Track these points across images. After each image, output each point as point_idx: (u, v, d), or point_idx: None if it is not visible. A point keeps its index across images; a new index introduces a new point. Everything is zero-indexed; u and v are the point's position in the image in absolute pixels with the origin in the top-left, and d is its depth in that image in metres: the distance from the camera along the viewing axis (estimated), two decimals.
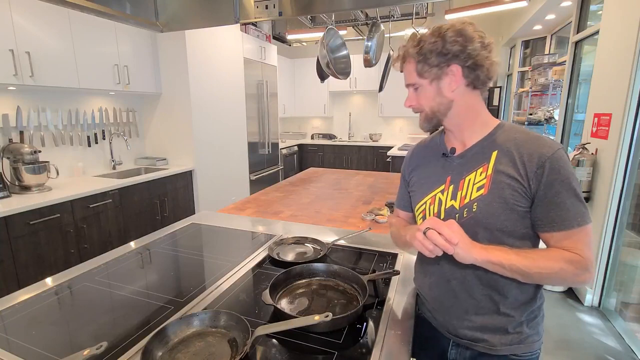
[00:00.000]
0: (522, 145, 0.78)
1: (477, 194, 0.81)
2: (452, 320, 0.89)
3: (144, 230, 2.72)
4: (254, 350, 0.75)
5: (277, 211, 1.84)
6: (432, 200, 0.89)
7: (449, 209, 0.85)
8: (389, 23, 2.37)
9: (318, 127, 6.41)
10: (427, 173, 0.93)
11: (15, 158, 2.19)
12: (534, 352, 0.86)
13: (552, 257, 0.75)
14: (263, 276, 1.10)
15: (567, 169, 0.75)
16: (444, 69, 0.79)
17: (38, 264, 2.03)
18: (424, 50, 0.79)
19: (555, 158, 0.74)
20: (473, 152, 0.84)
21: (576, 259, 0.74)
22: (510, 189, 0.77)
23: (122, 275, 1.12)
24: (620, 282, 2.37)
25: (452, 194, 0.85)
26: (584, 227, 0.75)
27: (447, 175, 0.87)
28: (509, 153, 0.79)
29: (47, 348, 0.77)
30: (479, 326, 0.85)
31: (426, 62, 0.80)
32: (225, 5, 1.39)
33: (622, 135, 2.19)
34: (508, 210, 0.77)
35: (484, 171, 0.81)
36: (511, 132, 0.82)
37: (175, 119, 3.21)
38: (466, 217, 0.81)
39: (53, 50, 2.26)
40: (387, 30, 2.35)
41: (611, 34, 2.41)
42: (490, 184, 0.79)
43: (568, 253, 0.75)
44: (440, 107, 0.83)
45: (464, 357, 0.90)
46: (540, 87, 4.20)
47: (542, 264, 0.74)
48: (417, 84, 0.83)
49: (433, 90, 0.82)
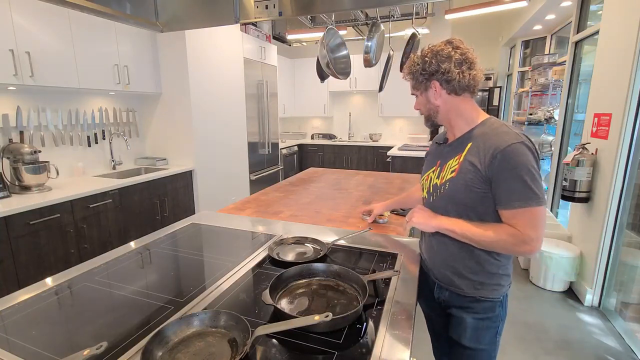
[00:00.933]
0: (487, 139, 0.98)
1: (450, 175, 1.04)
2: (434, 266, 1.15)
3: (144, 230, 2.72)
4: (254, 350, 0.75)
5: (277, 211, 1.84)
6: (427, 177, 1.16)
7: (434, 186, 1.11)
8: (389, 23, 2.37)
9: (318, 127, 6.41)
10: (430, 157, 1.21)
11: (15, 158, 2.19)
12: (496, 297, 1.06)
13: (497, 229, 0.96)
14: (263, 276, 1.10)
15: (516, 160, 0.91)
16: (427, 83, 1.05)
17: (38, 264, 2.03)
18: (412, 71, 1.07)
19: (507, 151, 0.92)
20: (457, 143, 1.07)
21: (516, 233, 0.93)
22: (471, 174, 0.98)
23: (122, 275, 1.12)
24: (620, 282, 2.37)
25: (438, 174, 1.10)
26: (526, 209, 0.92)
27: (438, 159, 1.13)
28: (477, 145, 0.99)
29: (47, 348, 0.76)
30: (450, 273, 1.09)
31: (415, 80, 1.07)
32: (225, 5, 1.40)
33: (622, 135, 2.19)
34: (468, 190, 0.99)
35: (458, 158, 1.03)
36: (485, 128, 1.02)
37: (175, 119, 3.21)
38: (442, 193, 1.07)
39: (53, 50, 2.26)
40: (387, 30, 2.35)
41: (611, 34, 2.41)
42: (458, 168, 1.02)
43: (511, 228, 0.95)
44: (431, 111, 1.10)
45: (444, 296, 1.14)
46: (540, 87, 4.21)
47: (486, 233, 0.96)
48: (413, 94, 1.12)
49: (424, 99, 1.09)
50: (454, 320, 1.13)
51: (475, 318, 1.08)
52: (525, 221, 0.92)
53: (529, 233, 0.92)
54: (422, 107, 1.11)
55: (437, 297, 1.17)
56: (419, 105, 1.12)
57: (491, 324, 1.08)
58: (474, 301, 1.07)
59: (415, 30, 2.45)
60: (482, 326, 1.08)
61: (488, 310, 1.07)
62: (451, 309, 1.13)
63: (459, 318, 1.11)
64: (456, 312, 1.11)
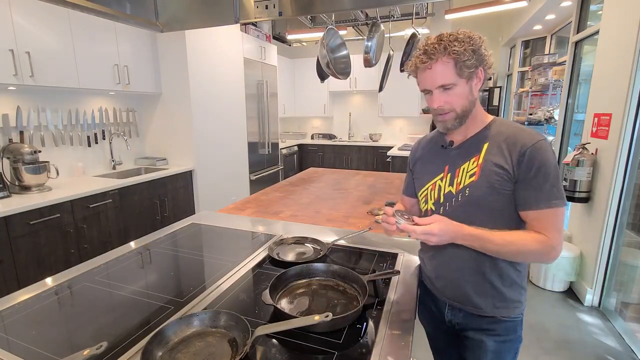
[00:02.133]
0: (509, 137, 0.90)
1: (470, 180, 0.93)
2: (447, 285, 1.01)
3: (144, 230, 2.72)
4: (254, 350, 0.75)
5: (277, 211, 1.84)
6: (433, 186, 1.01)
7: (447, 194, 0.97)
8: (389, 23, 2.37)
9: (318, 127, 6.41)
10: (429, 163, 1.06)
11: (15, 158, 2.19)
12: (517, 316, 0.98)
13: (522, 236, 0.87)
14: (263, 276, 1.10)
15: (544, 157, 0.85)
16: (475, 70, 0.88)
17: (38, 264, 2.03)
18: (459, 51, 0.84)
19: (536, 147, 0.85)
20: (468, 144, 0.96)
21: (543, 240, 0.85)
22: (497, 175, 0.88)
23: (122, 275, 1.12)
24: (620, 282, 2.37)
25: (449, 181, 0.97)
26: (553, 210, 0.85)
27: (445, 164, 0.99)
28: (497, 144, 0.91)
29: (47, 348, 0.76)
30: (468, 290, 0.97)
31: (465, 63, 0.85)
32: (225, 5, 1.39)
33: (622, 135, 2.19)
34: (495, 193, 0.89)
35: (475, 160, 0.93)
36: (501, 126, 0.93)
37: (175, 119, 3.21)
38: (461, 201, 0.95)
39: (53, 50, 2.25)
40: (387, 30, 2.35)
41: (611, 34, 2.41)
42: (480, 171, 0.91)
43: (537, 234, 0.86)
44: (470, 105, 0.91)
45: (457, 318, 1.03)
46: (540, 87, 4.21)
47: (512, 240, 0.86)
48: (452, 84, 0.87)
49: (467, 89, 0.89)
50: (470, 343, 1.02)
51: (496, 341, 0.98)
52: (550, 223, 0.86)
53: (554, 236, 0.85)
54: (459, 101, 0.89)
55: (448, 319, 1.05)
56: (455, 98, 0.88)
57: (512, 346, 1.00)
58: (494, 322, 0.97)
59: (415, 30, 2.45)
60: (504, 349, 0.99)
61: (510, 332, 0.98)
62: (467, 331, 1.02)
63: (477, 341, 1.00)
64: (473, 335, 1.01)
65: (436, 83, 0.88)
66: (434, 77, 0.88)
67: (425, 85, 0.91)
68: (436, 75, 0.87)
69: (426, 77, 0.89)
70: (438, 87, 0.88)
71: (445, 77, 0.86)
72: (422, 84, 0.92)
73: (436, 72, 0.87)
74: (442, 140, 1.03)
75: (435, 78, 0.87)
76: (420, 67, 0.89)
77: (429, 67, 0.87)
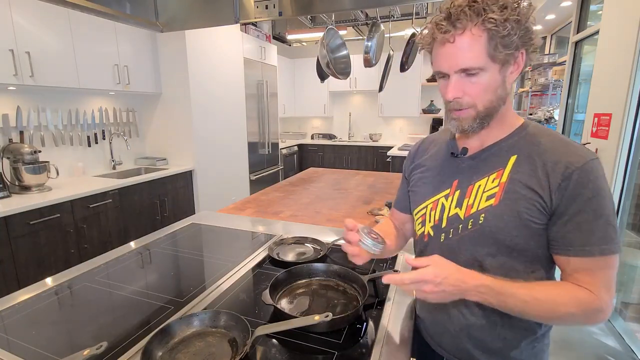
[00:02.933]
0: (548, 151, 0.66)
1: (486, 203, 0.69)
2: (448, 337, 0.81)
3: (144, 230, 2.72)
4: (254, 350, 0.75)
5: (277, 211, 1.84)
6: (434, 205, 0.77)
7: (452, 218, 0.74)
8: (389, 23, 2.37)
9: (318, 127, 6.41)
10: (431, 173, 0.81)
11: (15, 158, 2.19)
12: None
13: (558, 294, 0.64)
14: (263, 276, 1.10)
15: (598, 185, 0.62)
16: (515, 52, 0.63)
17: (38, 264, 2.03)
18: (508, 22, 0.59)
19: (586, 170, 0.62)
20: (488, 154, 0.72)
21: (586, 298, 0.62)
22: (526, 202, 0.65)
23: (122, 275, 1.12)
24: (620, 282, 2.37)
25: (457, 201, 0.74)
26: (607, 257, 0.62)
27: (454, 178, 0.76)
28: (530, 159, 0.67)
29: (47, 348, 0.76)
30: (472, 347, 0.77)
31: (503, 40, 0.60)
32: (225, 5, 1.40)
33: (622, 135, 2.19)
34: (521, 225, 0.66)
35: (497, 178, 0.69)
36: (536, 135, 0.69)
37: (175, 119, 3.21)
38: (471, 229, 0.71)
39: (53, 50, 2.25)
40: (387, 30, 2.35)
41: (611, 34, 2.41)
42: (502, 193, 0.68)
43: (580, 291, 0.63)
44: (498, 102, 0.66)
45: None
46: (540, 87, 4.20)
47: (542, 298, 0.63)
48: (479, 69, 0.62)
49: (499, 79, 0.64)
50: None
51: None
52: (599, 276, 0.63)
53: (603, 296, 0.62)
54: (484, 94, 0.65)
55: None
56: (480, 89, 0.64)
57: None
58: None
59: (415, 30, 2.45)
60: None
61: None
62: None
63: None
64: None
65: (457, 65, 0.63)
66: (456, 55, 0.62)
67: (441, 66, 0.66)
68: (459, 53, 0.62)
69: (444, 54, 0.64)
70: (459, 70, 0.63)
71: (472, 57, 0.61)
72: (438, 63, 0.66)
73: (460, 49, 0.62)
74: (453, 146, 0.79)
75: (458, 57, 0.62)
76: (439, 39, 0.63)
77: (451, 40, 0.62)
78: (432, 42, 0.66)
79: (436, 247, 0.77)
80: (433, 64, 0.68)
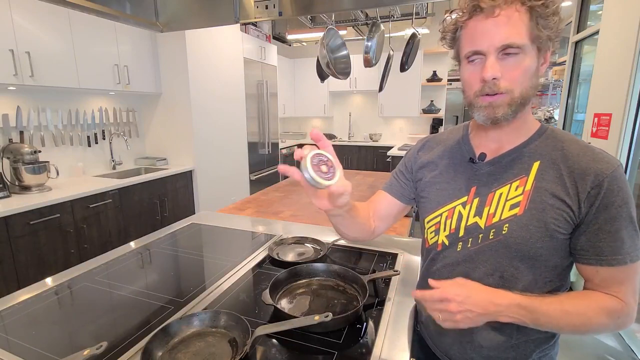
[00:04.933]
0: (573, 158, 0.63)
1: (510, 213, 0.66)
2: (455, 346, 0.78)
3: (144, 230, 2.72)
4: (254, 350, 0.75)
5: (277, 211, 1.84)
6: (450, 213, 0.74)
7: (471, 227, 0.70)
8: (389, 23, 2.37)
9: (318, 127, 6.41)
10: (444, 178, 0.77)
11: (15, 158, 2.19)
12: None
13: (586, 303, 0.63)
14: (263, 276, 1.10)
15: (626, 192, 0.61)
16: (550, 42, 0.61)
17: (38, 264, 2.03)
18: (553, 4, 0.57)
19: (615, 177, 0.60)
20: (509, 160, 0.69)
21: (618, 309, 0.62)
22: (554, 212, 0.63)
23: (122, 275, 1.12)
24: None
25: (476, 209, 0.70)
26: (636, 264, 0.62)
27: (472, 185, 0.72)
28: (555, 166, 0.64)
29: (47, 348, 0.76)
30: (487, 357, 0.74)
31: (546, 22, 0.58)
32: (225, 5, 1.40)
33: (622, 135, 2.19)
34: (547, 236, 0.63)
35: (520, 185, 0.66)
36: (558, 140, 0.67)
37: (175, 119, 3.21)
38: (492, 240, 0.68)
39: (53, 50, 2.25)
40: (387, 30, 2.35)
41: (611, 34, 2.41)
42: (527, 202, 0.65)
43: (609, 300, 0.62)
44: (532, 92, 0.62)
45: None
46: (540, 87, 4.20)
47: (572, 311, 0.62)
48: (521, 47, 0.58)
49: (535, 66, 0.61)
50: None
51: None
52: (629, 286, 0.62)
53: (631, 302, 0.63)
54: (521, 79, 0.60)
55: None
56: (520, 72, 0.60)
57: None
58: None
59: (415, 30, 2.45)
60: None
61: None
62: None
63: None
64: None
65: (500, 40, 0.58)
66: (499, 29, 0.58)
67: (478, 43, 0.60)
68: (503, 28, 0.57)
69: (484, 29, 0.59)
70: (500, 47, 0.58)
71: (517, 33, 0.57)
72: (474, 41, 0.61)
73: (504, 23, 0.57)
74: (469, 150, 0.75)
75: (501, 32, 0.58)
76: (485, 8, 0.58)
77: (493, 14, 0.58)
78: (471, 13, 0.60)
79: (451, 256, 0.74)
80: (464, 43, 0.63)
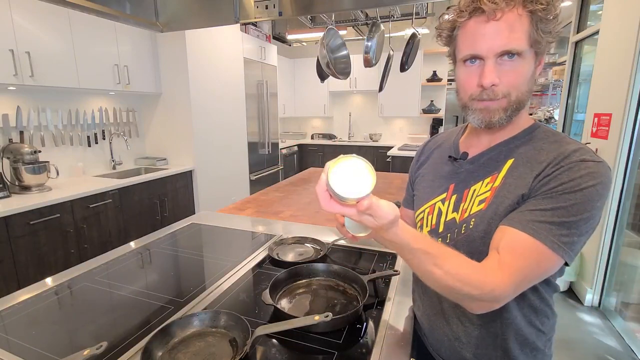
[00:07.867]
0: (545, 152, 0.62)
1: (478, 208, 0.66)
2: (444, 345, 0.78)
3: (144, 230, 2.72)
4: (254, 350, 0.75)
5: (277, 211, 1.84)
6: (431, 209, 0.76)
7: (450, 222, 0.71)
8: (389, 23, 2.37)
9: (318, 127, 6.41)
10: (431, 177, 0.80)
11: (15, 158, 2.19)
12: None
13: (454, 257, 0.58)
14: (263, 276, 1.10)
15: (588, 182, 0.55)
16: (546, 46, 0.60)
17: (38, 264, 2.03)
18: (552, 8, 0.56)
19: (580, 165, 0.56)
20: (487, 158, 0.69)
21: (484, 263, 0.57)
22: (510, 207, 0.62)
23: (122, 275, 1.12)
24: (620, 282, 2.37)
25: (454, 205, 0.71)
26: (536, 243, 0.55)
27: (451, 182, 0.74)
28: (528, 164, 0.63)
29: (47, 348, 0.76)
30: (475, 356, 0.73)
31: (545, 26, 0.57)
32: (225, 5, 1.40)
33: (622, 135, 2.19)
34: None
35: (491, 182, 0.66)
36: (541, 139, 0.65)
37: (175, 119, 3.21)
38: (463, 234, 0.68)
39: (53, 50, 2.25)
40: (387, 30, 2.35)
41: (611, 34, 2.41)
42: (492, 198, 0.65)
43: (480, 266, 0.57)
44: (527, 97, 0.62)
45: None
46: (540, 87, 4.21)
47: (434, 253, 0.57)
48: (520, 52, 0.57)
49: (531, 70, 0.60)
50: None
51: None
52: (514, 248, 0.57)
53: (505, 264, 0.56)
54: (519, 83, 0.60)
55: None
56: (518, 76, 0.59)
57: None
58: None
59: (415, 30, 2.45)
60: None
61: None
62: None
63: None
64: None
65: (500, 45, 0.57)
66: (499, 34, 0.56)
67: (477, 47, 0.59)
68: (504, 33, 0.56)
69: (486, 31, 0.57)
70: (499, 53, 0.57)
71: (517, 38, 0.56)
72: (472, 45, 0.59)
73: (504, 28, 0.56)
74: (453, 149, 0.77)
75: (502, 37, 0.56)
76: (487, 10, 0.56)
77: (495, 17, 0.56)
78: (471, 15, 0.58)
79: None
80: (462, 45, 0.61)
